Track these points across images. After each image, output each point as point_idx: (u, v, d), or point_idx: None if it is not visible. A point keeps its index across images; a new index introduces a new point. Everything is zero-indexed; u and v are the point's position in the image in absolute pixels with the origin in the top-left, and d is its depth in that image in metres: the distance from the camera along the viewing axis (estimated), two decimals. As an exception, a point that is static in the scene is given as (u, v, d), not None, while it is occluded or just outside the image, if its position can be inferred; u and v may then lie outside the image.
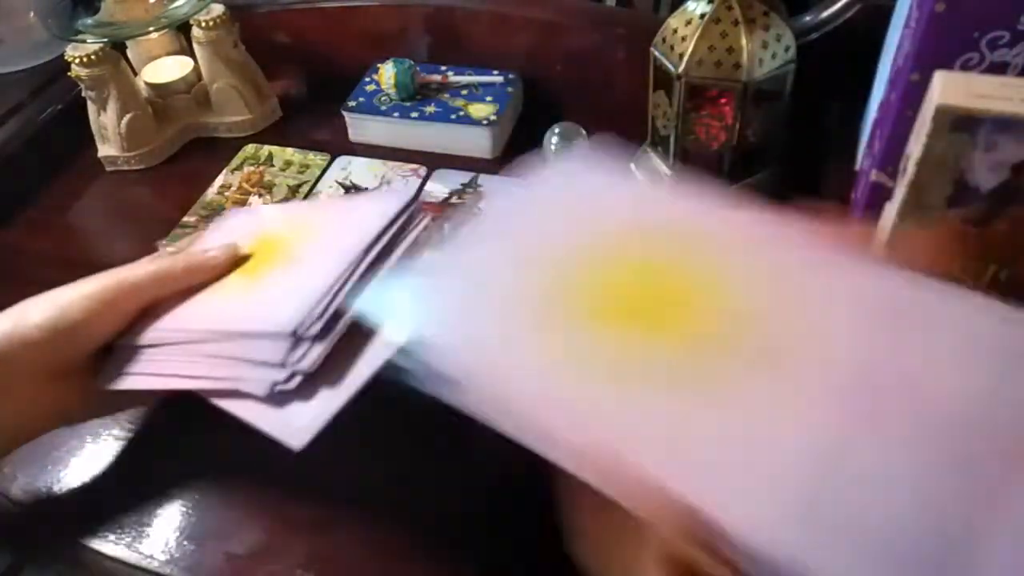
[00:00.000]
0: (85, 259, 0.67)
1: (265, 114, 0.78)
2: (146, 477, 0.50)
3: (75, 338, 0.43)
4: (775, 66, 0.57)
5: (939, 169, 0.43)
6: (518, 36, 0.76)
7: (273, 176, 0.72)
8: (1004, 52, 0.45)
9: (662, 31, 0.60)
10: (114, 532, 0.47)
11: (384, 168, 0.72)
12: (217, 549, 0.46)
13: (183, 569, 0.45)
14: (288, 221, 0.51)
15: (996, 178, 0.42)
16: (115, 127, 0.72)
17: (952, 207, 0.44)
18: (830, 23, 0.66)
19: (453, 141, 0.72)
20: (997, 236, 0.45)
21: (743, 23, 0.56)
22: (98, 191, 0.74)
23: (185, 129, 0.77)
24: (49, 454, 0.51)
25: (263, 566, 0.45)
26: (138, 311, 0.45)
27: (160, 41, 0.79)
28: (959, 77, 0.42)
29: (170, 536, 0.47)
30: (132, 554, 0.46)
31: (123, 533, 0.47)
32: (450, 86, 0.75)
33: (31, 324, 0.42)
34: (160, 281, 0.45)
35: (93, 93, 0.71)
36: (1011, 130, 0.40)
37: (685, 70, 0.57)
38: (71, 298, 0.43)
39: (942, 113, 0.41)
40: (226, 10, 0.73)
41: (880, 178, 0.53)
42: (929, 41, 0.45)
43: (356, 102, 0.75)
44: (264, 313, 0.42)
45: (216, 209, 0.69)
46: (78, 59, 0.69)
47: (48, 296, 0.44)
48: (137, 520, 0.48)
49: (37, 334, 0.42)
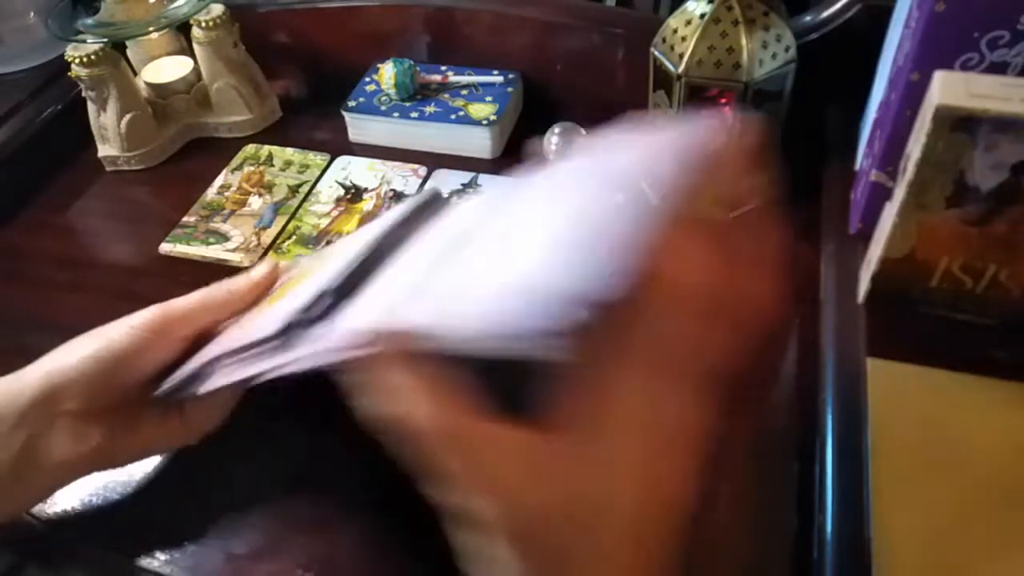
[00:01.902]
0: (85, 259, 0.67)
1: (265, 114, 0.78)
2: (146, 477, 0.50)
3: (122, 369, 0.42)
4: (775, 66, 0.57)
5: (939, 169, 0.43)
6: (518, 36, 0.76)
7: (273, 176, 0.72)
8: (1004, 52, 0.45)
9: (662, 31, 0.60)
10: (115, 531, 0.47)
11: (384, 168, 0.72)
12: (217, 549, 0.46)
13: (183, 569, 0.45)
14: None
15: (996, 178, 0.43)
16: (115, 127, 0.72)
17: (952, 207, 0.44)
18: (830, 23, 0.66)
19: (453, 141, 0.72)
20: (997, 236, 0.45)
21: (743, 23, 0.56)
22: (98, 191, 0.74)
23: (185, 129, 0.77)
24: (49, 454, 0.51)
25: (263, 566, 0.45)
26: (188, 339, 0.44)
27: (160, 41, 0.79)
28: (959, 77, 0.42)
29: (170, 536, 0.47)
30: (132, 554, 0.46)
31: (124, 532, 0.47)
32: (450, 86, 0.75)
33: (77, 356, 0.41)
34: (206, 307, 0.44)
35: (93, 93, 0.71)
36: (1011, 130, 0.40)
37: (685, 70, 0.57)
38: (118, 329, 0.42)
39: (942, 113, 0.41)
40: (226, 10, 0.73)
41: (880, 178, 0.53)
42: (929, 41, 0.45)
43: (356, 102, 0.75)
44: None
45: (216, 209, 0.69)
46: (78, 59, 0.69)
47: (97, 330, 0.43)
48: (137, 520, 0.48)
49: (83, 366, 0.41)
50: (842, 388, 0.47)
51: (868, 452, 0.44)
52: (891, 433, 0.44)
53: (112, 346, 0.41)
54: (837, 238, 0.57)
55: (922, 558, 0.40)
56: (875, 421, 0.45)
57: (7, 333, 0.60)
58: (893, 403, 0.46)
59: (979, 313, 0.49)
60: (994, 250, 0.46)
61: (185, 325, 0.43)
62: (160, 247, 0.66)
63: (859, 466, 0.43)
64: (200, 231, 0.67)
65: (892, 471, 0.43)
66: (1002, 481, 0.42)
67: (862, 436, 0.44)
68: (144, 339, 0.42)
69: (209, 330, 0.44)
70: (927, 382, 0.47)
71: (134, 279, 0.64)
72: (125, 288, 0.63)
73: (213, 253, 0.65)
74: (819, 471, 0.45)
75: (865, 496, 0.42)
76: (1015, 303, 0.48)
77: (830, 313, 0.52)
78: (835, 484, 0.43)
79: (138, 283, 0.63)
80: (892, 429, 0.45)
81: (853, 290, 0.52)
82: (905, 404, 0.46)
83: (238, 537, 0.46)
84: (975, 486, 0.42)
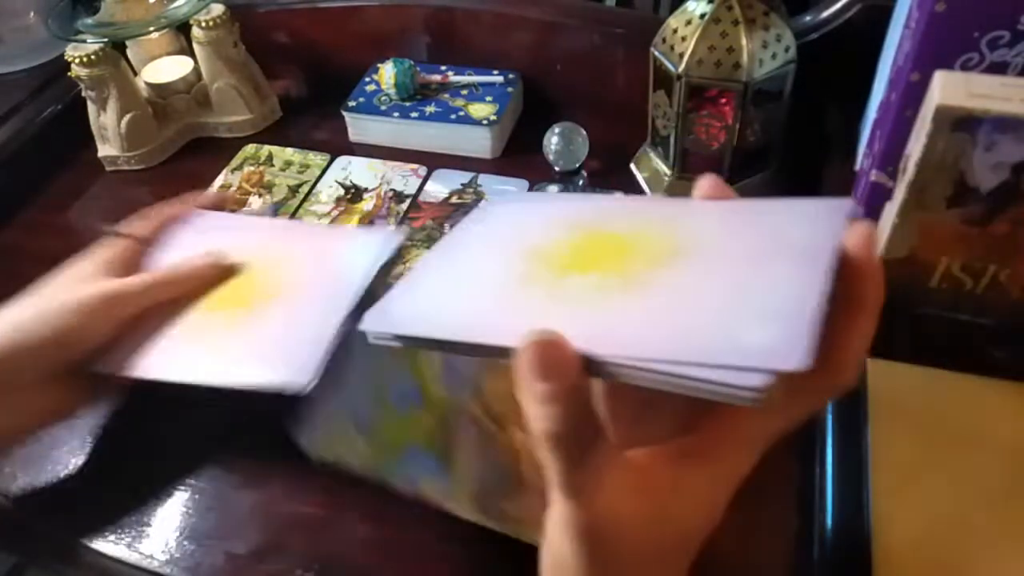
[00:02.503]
0: (85, 259, 0.67)
1: (265, 114, 0.78)
2: (146, 477, 0.50)
3: (69, 344, 0.45)
4: (775, 66, 0.57)
5: (939, 169, 0.43)
6: (518, 36, 0.76)
7: (273, 176, 0.72)
8: (1004, 52, 0.45)
9: (662, 31, 0.60)
10: (114, 532, 0.47)
11: (384, 168, 0.72)
12: (217, 549, 0.46)
13: (183, 569, 0.45)
14: (262, 246, 0.52)
15: (996, 178, 0.42)
16: (115, 127, 0.72)
17: (952, 207, 0.44)
18: (830, 23, 0.66)
19: (453, 141, 0.72)
20: (997, 236, 0.45)
21: (743, 23, 0.56)
22: (98, 191, 0.74)
23: (185, 129, 0.77)
24: (49, 454, 0.51)
25: (263, 566, 0.45)
26: (129, 319, 0.47)
27: (160, 41, 0.79)
28: (959, 77, 0.42)
29: (170, 536, 0.47)
30: (132, 554, 0.46)
31: (123, 533, 0.47)
32: (450, 86, 0.75)
33: (26, 330, 0.44)
34: (149, 292, 0.48)
35: (93, 93, 0.71)
36: (1011, 130, 0.40)
37: (685, 70, 0.57)
38: (66, 305, 0.45)
39: (942, 113, 0.41)
40: (226, 10, 0.73)
41: (880, 178, 0.53)
42: (929, 41, 0.45)
43: (356, 102, 0.75)
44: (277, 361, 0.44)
45: (216, 209, 0.69)
46: (78, 59, 0.69)
47: (43, 300, 0.46)
48: (137, 520, 0.48)
49: (32, 340, 0.44)
50: (842, 388, 0.47)
51: (868, 452, 0.44)
52: (891, 433, 0.44)
53: (61, 325, 0.44)
54: (837, 238, 0.57)
55: (922, 558, 0.40)
56: (875, 421, 0.45)
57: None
58: (893, 403, 0.46)
59: (979, 313, 0.49)
60: (994, 250, 0.46)
61: (129, 307, 0.47)
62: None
63: (859, 466, 0.43)
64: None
65: (892, 471, 0.43)
66: (1002, 481, 0.42)
67: (862, 436, 0.44)
68: (90, 319, 0.45)
69: (149, 311, 0.47)
70: (927, 382, 0.47)
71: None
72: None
73: (213, 253, 0.65)
74: (819, 471, 0.45)
75: (865, 496, 0.42)
76: (1015, 303, 0.48)
77: (830, 313, 0.52)
78: (835, 484, 0.43)
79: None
80: (892, 429, 0.45)
81: (853, 290, 0.52)
82: (905, 404, 0.46)
83: (238, 537, 0.46)
84: (975, 486, 0.42)
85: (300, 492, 0.48)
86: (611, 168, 0.70)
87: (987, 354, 0.48)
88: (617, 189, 0.67)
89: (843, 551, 0.40)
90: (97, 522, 0.48)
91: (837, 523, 0.42)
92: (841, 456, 0.44)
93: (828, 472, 0.44)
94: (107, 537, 0.47)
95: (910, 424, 0.45)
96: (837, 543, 0.41)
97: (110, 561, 0.46)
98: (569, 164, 0.69)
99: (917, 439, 0.44)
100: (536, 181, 0.69)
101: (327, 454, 0.45)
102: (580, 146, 0.68)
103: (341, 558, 0.45)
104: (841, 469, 0.44)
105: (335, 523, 0.46)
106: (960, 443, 0.44)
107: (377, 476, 0.44)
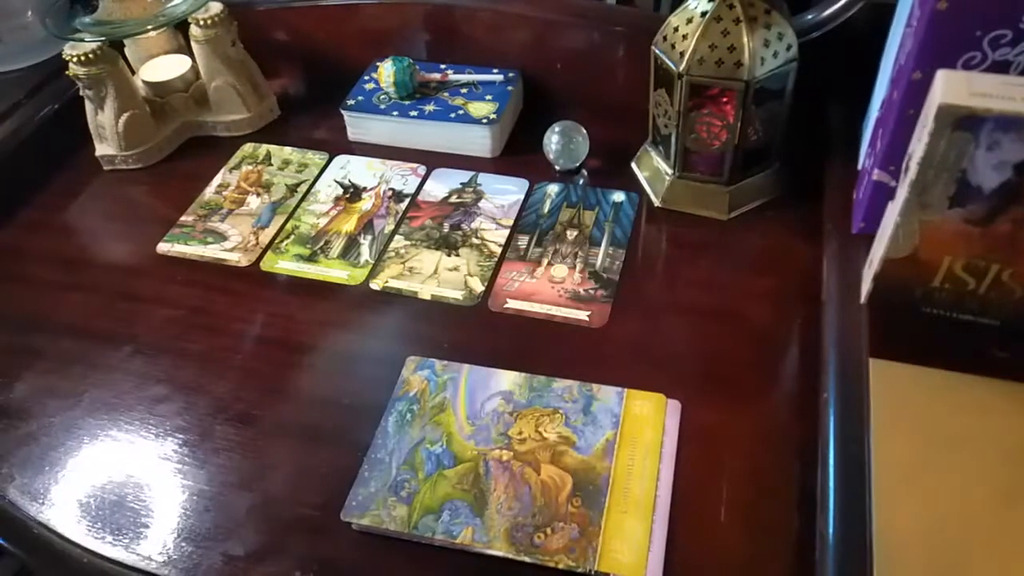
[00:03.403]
0: (82, 258, 0.67)
1: (263, 113, 0.78)
2: (146, 477, 0.50)
3: None
4: (777, 64, 0.57)
5: (941, 168, 0.43)
6: (518, 34, 0.76)
7: (271, 175, 0.72)
8: (1006, 51, 0.45)
9: (663, 29, 0.60)
10: (113, 533, 0.47)
11: (383, 167, 0.72)
12: (215, 550, 0.46)
13: (181, 570, 0.45)
14: None
15: (998, 177, 0.42)
16: (113, 126, 0.72)
17: (954, 207, 0.44)
18: (832, 21, 0.66)
19: (453, 140, 0.72)
20: (999, 236, 0.45)
21: (744, 21, 0.55)
22: (96, 190, 0.73)
23: (183, 128, 0.77)
24: (47, 455, 0.51)
25: (261, 567, 0.45)
26: None
27: (158, 40, 0.79)
28: (961, 76, 0.41)
29: (168, 537, 0.47)
30: (131, 555, 0.46)
31: (122, 534, 0.47)
32: (450, 84, 0.75)
33: None
34: None
35: (91, 92, 0.71)
36: (1013, 129, 0.40)
37: (686, 68, 0.57)
38: None
39: (944, 112, 0.40)
40: (224, 8, 0.73)
41: (882, 177, 0.52)
42: (931, 40, 0.45)
43: (355, 101, 0.75)
44: None
45: (214, 208, 0.69)
46: (76, 58, 0.68)
47: None
48: (136, 521, 0.48)
49: None
50: (844, 388, 0.47)
51: (870, 452, 0.43)
52: (893, 433, 0.44)
53: None
54: (839, 238, 0.57)
55: (923, 558, 0.40)
56: (877, 421, 0.45)
57: (5, 332, 0.60)
58: (895, 403, 0.46)
59: (981, 313, 0.49)
60: (997, 250, 0.45)
61: None
62: (158, 246, 0.66)
63: (861, 466, 0.43)
64: (198, 230, 0.67)
65: (893, 471, 0.43)
66: (1004, 481, 0.42)
67: (864, 436, 0.44)
68: None
69: None
70: (929, 382, 0.47)
71: (132, 279, 0.64)
72: (123, 288, 0.63)
73: (211, 253, 0.65)
74: (821, 471, 0.44)
75: (866, 496, 0.42)
76: (1017, 303, 0.47)
77: (832, 313, 0.52)
78: (836, 484, 0.43)
79: (136, 283, 0.63)
80: (894, 429, 0.44)
81: (855, 290, 0.52)
82: (907, 404, 0.46)
83: (236, 538, 0.46)
84: (976, 486, 0.42)
85: (300, 492, 0.48)
86: (612, 167, 0.70)
87: (990, 355, 0.47)
88: (618, 189, 0.67)
89: (844, 551, 0.40)
90: (96, 523, 0.48)
91: (838, 523, 0.41)
92: (843, 456, 0.44)
93: (830, 472, 0.44)
94: (106, 538, 0.47)
95: (912, 424, 0.45)
96: (838, 543, 0.41)
97: (109, 562, 0.46)
98: (569, 163, 0.69)
99: (919, 439, 0.44)
100: (536, 180, 0.69)
101: (365, 521, 0.46)
102: (580, 145, 0.68)
103: (341, 559, 0.45)
104: (843, 469, 0.43)
105: (335, 523, 0.46)
106: (962, 444, 0.44)
107: (417, 536, 0.45)
